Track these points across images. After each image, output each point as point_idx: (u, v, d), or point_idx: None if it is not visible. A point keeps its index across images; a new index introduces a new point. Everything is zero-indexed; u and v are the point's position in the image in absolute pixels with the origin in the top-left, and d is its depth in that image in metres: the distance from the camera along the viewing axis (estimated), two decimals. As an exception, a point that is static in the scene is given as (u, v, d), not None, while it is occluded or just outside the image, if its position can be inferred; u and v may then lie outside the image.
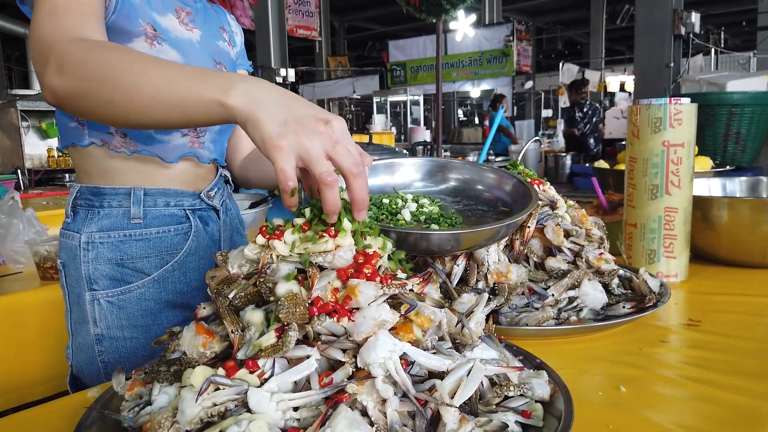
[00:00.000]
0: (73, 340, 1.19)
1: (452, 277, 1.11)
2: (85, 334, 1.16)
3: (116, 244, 1.14)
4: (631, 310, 1.10)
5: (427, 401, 0.65)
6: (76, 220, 1.15)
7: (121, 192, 1.14)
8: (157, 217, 1.16)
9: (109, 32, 1.03)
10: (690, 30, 6.71)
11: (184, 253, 1.20)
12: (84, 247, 1.13)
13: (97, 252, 1.13)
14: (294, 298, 0.68)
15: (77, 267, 1.14)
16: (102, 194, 1.14)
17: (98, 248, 1.13)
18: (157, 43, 1.09)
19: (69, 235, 1.15)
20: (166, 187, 1.17)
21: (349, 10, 16.52)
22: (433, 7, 3.30)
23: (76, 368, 1.20)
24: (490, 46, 11.17)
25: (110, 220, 1.14)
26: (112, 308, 1.14)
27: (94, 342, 1.15)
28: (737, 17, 15.50)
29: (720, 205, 1.46)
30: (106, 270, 1.13)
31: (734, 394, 0.83)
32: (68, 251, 1.15)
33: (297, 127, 0.69)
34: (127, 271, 1.15)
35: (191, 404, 0.63)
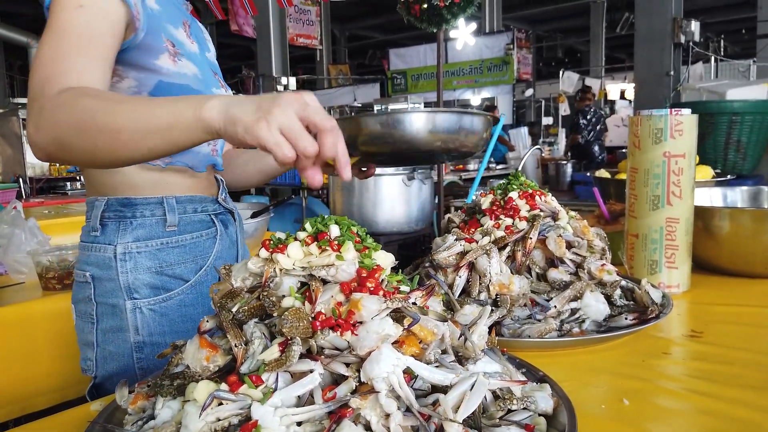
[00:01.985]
0: (98, 350, 1.19)
1: (454, 289, 1.11)
2: (120, 342, 1.17)
3: (154, 252, 1.17)
4: (634, 321, 1.10)
5: (430, 416, 0.65)
6: (106, 233, 1.16)
7: (153, 201, 1.17)
8: (189, 224, 1.21)
9: (137, 51, 1.06)
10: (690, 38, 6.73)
11: (213, 257, 1.24)
12: (121, 258, 1.14)
13: (135, 262, 1.15)
14: (297, 312, 0.69)
15: (113, 278, 1.15)
16: (134, 205, 1.16)
17: (136, 258, 1.15)
18: (177, 59, 1.12)
19: (99, 248, 1.16)
20: (191, 194, 1.22)
21: (349, 19, 16.59)
22: (434, 16, 3.31)
23: (101, 378, 1.20)
24: (491, 54, 11.19)
25: (145, 230, 1.16)
26: (155, 315, 1.17)
27: (133, 350, 1.17)
28: (736, 25, 15.54)
29: (721, 215, 1.47)
30: (147, 279, 1.16)
31: (737, 407, 0.82)
32: (100, 264, 1.16)
33: (269, 106, 0.73)
34: (166, 278, 1.18)
35: (195, 419, 0.63)
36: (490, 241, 1.15)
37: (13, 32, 9.67)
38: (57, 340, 1.79)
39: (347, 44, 18.34)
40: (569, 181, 4.73)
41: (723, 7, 14.49)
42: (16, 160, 6.55)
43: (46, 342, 1.78)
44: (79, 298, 1.20)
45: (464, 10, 3.32)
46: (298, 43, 10.68)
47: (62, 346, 1.80)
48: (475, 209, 1.29)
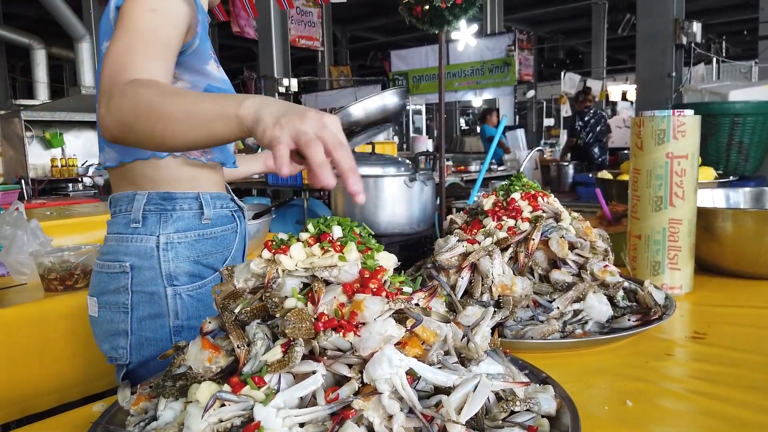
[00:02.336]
0: (132, 338, 1.24)
1: (456, 290, 1.11)
2: (157, 328, 1.24)
3: (192, 243, 1.26)
4: (637, 322, 1.10)
5: (433, 417, 0.64)
6: (147, 225, 1.23)
7: (191, 196, 1.27)
8: (218, 218, 1.31)
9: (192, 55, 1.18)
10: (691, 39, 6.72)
11: (234, 249, 1.35)
12: (163, 248, 1.23)
13: (176, 251, 1.24)
14: (300, 313, 0.68)
15: (153, 267, 1.23)
16: (174, 199, 1.25)
17: (177, 248, 1.24)
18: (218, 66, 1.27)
19: (140, 239, 1.23)
20: (218, 191, 1.33)
21: (351, 21, 16.59)
22: (435, 18, 3.31)
23: (135, 364, 1.25)
24: (492, 55, 11.19)
25: (184, 222, 1.26)
26: (192, 301, 1.25)
27: (171, 334, 1.25)
28: (738, 26, 15.53)
29: (724, 216, 1.46)
30: (186, 267, 1.25)
31: (740, 409, 0.82)
32: (141, 253, 1.23)
33: (292, 116, 0.77)
34: (201, 267, 1.27)
35: (197, 420, 0.63)
36: (493, 242, 1.15)
37: (15, 34, 9.69)
38: (58, 341, 1.79)
39: (349, 46, 18.35)
40: (571, 183, 4.72)
41: (725, 8, 14.48)
42: (18, 162, 6.56)
43: (48, 343, 1.77)
44: (108, 290, 1.24)
45: (466, 12, 3.32)
46: (300, 44, 10.69)
47: (64, 347, 1.80)
48: (477, 210, 1.29)
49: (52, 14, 7.87)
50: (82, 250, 1.94)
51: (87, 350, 1.84)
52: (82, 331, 1.82)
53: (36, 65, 9.48)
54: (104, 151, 1.27)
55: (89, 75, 7.76)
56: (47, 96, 9.26)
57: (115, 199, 1.28)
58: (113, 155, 1.25)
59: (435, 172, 3.33)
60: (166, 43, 1.05)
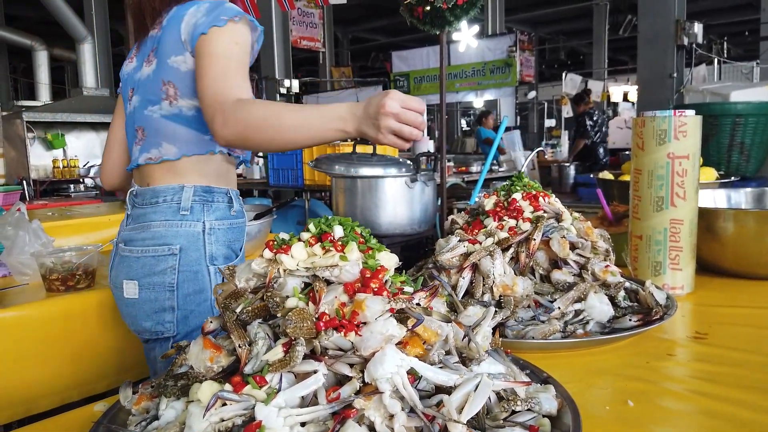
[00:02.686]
0: (178, 312, 1.43)
1: (458, 290, 1.11)
2: (201, 302, 1.44)
3: (225, 230, 1.48)
4: (638, 323, 1.10)
5: (434, 416, 0.64)
6: (194, 212, 1.43)
7: (223, 191, 1.49)
8: (239, 212, 1.53)
9: None
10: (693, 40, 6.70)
11: (244, 240, 1.57)
12: (208, 233, 1.44)
13: (216, 236, 1.45)
14: (301, 312, 0.69)
15: (199, 248, 1.43)
16: (212, 192, 1.46)
17: (216, 233, 1.46)
18: None
19: (189, 224, 1.43)
20: (237, 190, 1.55)
21: (352, 22, 16.60)
22: (437, 18, 3.31)
23: (183, 334, 1.44)
24: (493, 56, 11.19)
25: (220, 213, 1.47)
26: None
27: (212, 306, 1.45)
28: (740, 27, 15.51)
29: (726, 216, 1.46)
30: (222, 250, 1.46)
31: (742, 409, 0.82)
32: (189, 236, 1.43)
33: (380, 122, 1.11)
34: (230, 251, 1.49)
35: (199, 419, 0.63)
36: (494, 243, 1.15)
37: (16, 35, 9.71)
38: (60, 342, 1.79)
39: (350, 47, 18.35)
40: (572, 184, 4.72)
41: (726, 9, 14.46)
42: (20, 163, 6.56)
43: (50, 344, 1.78)
44: (155, 271, 1.41)
45: (467, 13, 3.32)
46: (301, 45, 10.69)
47: (65, 348, 1.80)
48: (478, 210, 1.29)
49: (54, 15, 7.88)
50: (84, 250, 1.94)
51: (89, 351, 1.84)
52: (84, 332, 1.82)
53: (38, 66, 9.49)
54: (161, 146, 1.44)
55: (91, 76, 7.77)
56: (49, 97, 9.28)
57: (158, 191, 1.44)
58: (173, 150, 1.43)
59: (436, 172, 3.32)
60: (245, 67, 1.34)
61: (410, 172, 2.86)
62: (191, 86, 1.38)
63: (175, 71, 1.39)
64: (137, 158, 1.49)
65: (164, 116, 1.42)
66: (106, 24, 9.09)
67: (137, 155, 1.49)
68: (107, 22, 9.11)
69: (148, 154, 1.46)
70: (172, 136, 1.43)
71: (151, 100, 1.43)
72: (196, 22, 1.35)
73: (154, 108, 1.43)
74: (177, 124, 1.41)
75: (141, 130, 1.47)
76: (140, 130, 1.47)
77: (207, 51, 1.31)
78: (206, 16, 1.34)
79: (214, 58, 1.29)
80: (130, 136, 1.54)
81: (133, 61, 1.56)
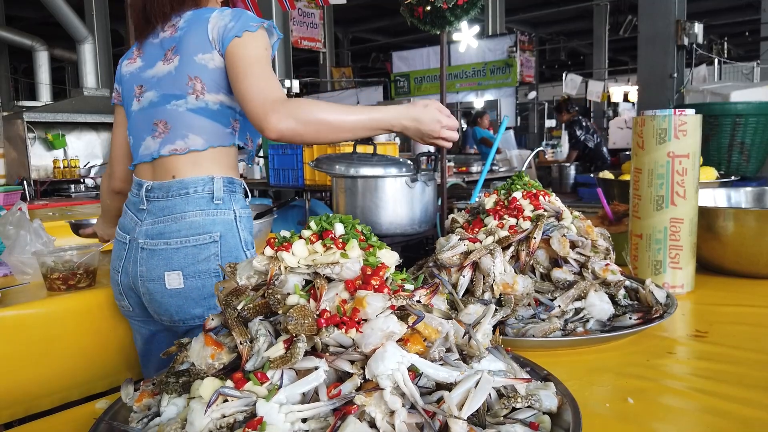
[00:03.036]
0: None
1: (458, 288, 1.11)
2: None
3: (247, 218, 1.58)
4: (638, 321, 1.10)
5: (435, 413, 0.65)
6: (225, 201, 1.52)
7: (239, 182, 1.58)
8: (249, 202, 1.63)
9: None
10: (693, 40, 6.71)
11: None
12: (239, 220, 1.53)
13: (244, 223, 1.55)
14: (302, 309, 0.69)
15: (234, 235, 1.52)
16: (233, 183, 1.56)
17: (244, 221, 1.55)
18: None
19: (224, 213, 1.52)
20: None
21: (353, 22, 16.60)
22: (437, 18, 3.31)
23: None
24: (494, 56, 11.20)
25: (242, 202, 1.57)
26: None
27: None
28: (740, 28, 15.50)
29: (726, 215, 1.46)
30: (249, 236, 1.56)
31: (742, 406, 0.82)
32: (225, 224, 1.51)
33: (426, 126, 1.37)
34: (251, 237, 1.59)
35: (200, 416, 0.64)
36: (494, 241, 1.15)
37: (17, 35, 9.72)
38: (61, 341, 1.79)
39: (350, 47, 18.36)
40: (572, 184, 4.72)
41: (727, 9, 14.47)
42: (20, 163, 6.57)
43: (51, 343, 1.78)
44: (199, 260, 1.48)
45: (467, 13, 3.32)
46: (302, 45, 10.70)
47: (67, 347, 1.80)
48: (479, 209, 1.29)
49: (55, 16, 7.89)
50: (85, 250, 1.94)
51: (89, 350, 1.84)
52: (85, 331, 1.82)
53: (38, 67, 9.51)
54: (187, 138, 1.50)
55: (91, 76, 7.78)
56: (49, 97, 9.29)
57: (187, 182, 1.50)
58: (200, 141, 1.50)
59: (436, 172, 3.33)
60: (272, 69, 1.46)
61: (411, 172, 2.87)
62: (218, 82, 1.48)
63: (202, 68, 1.48)
64: (158, 150, 1.53)
65: (190, 110, 1.50)
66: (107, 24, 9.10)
67: (157, 147, 1.53)
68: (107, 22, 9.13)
69: (172, 145, 1.52)
70: (198, 128, 1.51)
71: (174, 95, 1.51)
72: (226, 25, 1.45)
73: (179, 102, 1.50)
74: (203, 117, 1.50)
75: (162, 124, 1.53)
76: (161, 123, 1.53)
77: (243, 53, 1.42)
78: (235, 21, 1.45)
79: (254, 60, 1.41)
80: (141, 131, 1.58)
81: (136, 61, 1.61)
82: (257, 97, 1.36)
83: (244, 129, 1.59)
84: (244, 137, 1.60)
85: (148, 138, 1.55)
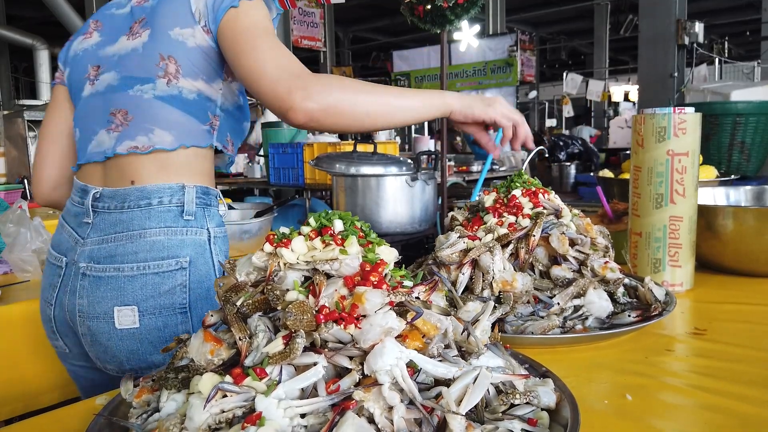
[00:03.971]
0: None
1: (457, 286, 1.11)
2: None
3: (223, 238, 1.29)
4: (637, 318, 1.10)
5: (433, 408, 0.65)
6: (197, 217, 1.23)
7: (215, 193, 1.29)
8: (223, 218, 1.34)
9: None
10: (694, 40, 6.71)
11: None
12: (213, 242, 1.25)
13: (219, 246, 1.26)
14: (301, 305, 0.69)
15: (207, 261, 1.22)
16: (209, 194, 1.27)
17: (219, 243, 1.27)
18: None
19: (196, 232, 1.22)
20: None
21: (353, 21, 16.61)
22: (437, 17, 3.31)
23: None
24: (494, 56, 11.20)
25: (217, 218, 1.28)
26: None
27: None
28: (741, 27, 15.51)
29: (725, 214, 1.46)
30: (223, 260, 1.21)
31: (741, 403, 0.82)
32: (196, 246, 1.21)
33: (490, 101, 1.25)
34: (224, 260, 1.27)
35: (199, 411, 0.64)
36: (494, 239, 1.15)
37: (18, 34, 9.72)
38: (61, 339, 1.80)
39: (351, 46, 18.37)
40: (572, 183, 4.72)
41: (727, 9, 14.46)
42: (20, 162, 6.57)
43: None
44: (160, 291, 1.16)
45: (468, 11, 3.32)
46: (302, 45, 10.71)
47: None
48: (478, 207, 1.29)
49: (55, 15, 7.90)
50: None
51: (89, 347, 1.84)
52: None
53: (39, 66, 9.51)
54: (152, 133, 1.20)
55: (92, 75, 7.78)
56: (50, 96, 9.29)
57: (150, 190, 1.19)
58: (168, 139, 1.20)
59: (437, 171, 3.33)
60: None
61: (411, 171, 2.87)
62: (197, 65, 1.20)
63: (178, 45, 1.19)
64: (112, 147, 1.21)
65: (158, 97, 1.19)
66: (108, 23, 9.09)
67: (112, 144, 1.21)
68: (108, 21, 9.12)
69: (132, 142, 1.20)
70: (167, 121, 1.20)
71: (139, 77, 1.20)
72: None
73: (144, 87, 1.20)
74: (174, 108, 1.19)
75: (122, 114, 1.21)
76: (120, 113, 1.21)
77: (245, 24, 1.14)
78: None
79: (261, 32, 1.14)
80: (92, 122, 1.26)
81: (92, 36, 1.31)
82: (274, 71, 1.08)
83: (224, 128, 1.28)
84: (223, 138, 1.28)
85: (102, 132, 1.23)
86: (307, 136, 5.49)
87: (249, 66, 1.11)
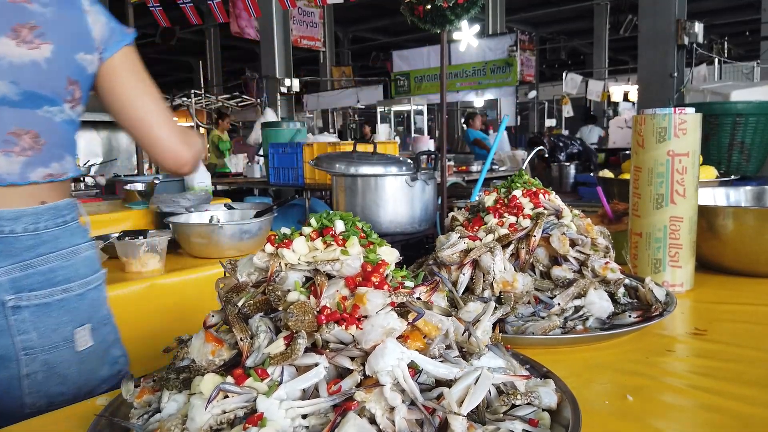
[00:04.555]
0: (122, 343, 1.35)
1: (458, 286, 1.11)
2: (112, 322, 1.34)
3: None
4: (637, 319, 1.10)
5: (435, 409, 0.65)
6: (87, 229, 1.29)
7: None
8: None
9: None
10: (693, 40, 6.72)
11: None
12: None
13: None
14: (302, 306, 0.69)
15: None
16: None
17: None
18: None
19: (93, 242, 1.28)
20: None
21: (353, 21, 16.61)
22: (437, 17, 3.32)
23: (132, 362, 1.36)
24: (494, 56, 11.21)
25: None
26: None
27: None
28: (740, 27, 15.52)
29: (725, 214, 1.46)
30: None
31: (741, 404, 0.82)
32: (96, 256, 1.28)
33: None
34: None
35: (201, 411, 0.64)
36: (494, 239, 1.15)
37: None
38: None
39: (350, 46, 18.38)
40: (572, 183, 4.72)
41: (727, 9, 14.48)
42: (20, 161, 6.57)
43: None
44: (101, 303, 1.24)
45: (467, 11, 3.33)
46: (302, 45, 10.72)
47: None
48: (479, 207, 1.29)
49: (55, 14, 7.88)
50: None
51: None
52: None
53: None
54: (63, 160, 1.18)
55: (91, 75, 7.79)
56: None
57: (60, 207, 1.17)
58: (72, 165, 1.22)
59: (436, 171, 3.33)
60: None
61: (411, 170, 2.87)
62: (87, 93, 1.20)
63: (82, 71, 1.15)
64: (20, 174, 1.10)
65: (66, 121, 1.16)
66: (107, 23, 9.09)
67: (19, 170, 1.10)
68: (108, 21, 9.11)
69: (47, 169, 1.13)
70: (72, 146, 1.21)
71: (46, 97, 1.11)
72: (108, 23, 1.18)
73: (53, 109, 1.12)
74: (74, 132, 1.21)
75: (32, 136, 1.10)
76: (27, 135, 1.10)
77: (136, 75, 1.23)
78: (112, 20, 1.20)
79: (151, 87, 1.25)
80: None
81: None
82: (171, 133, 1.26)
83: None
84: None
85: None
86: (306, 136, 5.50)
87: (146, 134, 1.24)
